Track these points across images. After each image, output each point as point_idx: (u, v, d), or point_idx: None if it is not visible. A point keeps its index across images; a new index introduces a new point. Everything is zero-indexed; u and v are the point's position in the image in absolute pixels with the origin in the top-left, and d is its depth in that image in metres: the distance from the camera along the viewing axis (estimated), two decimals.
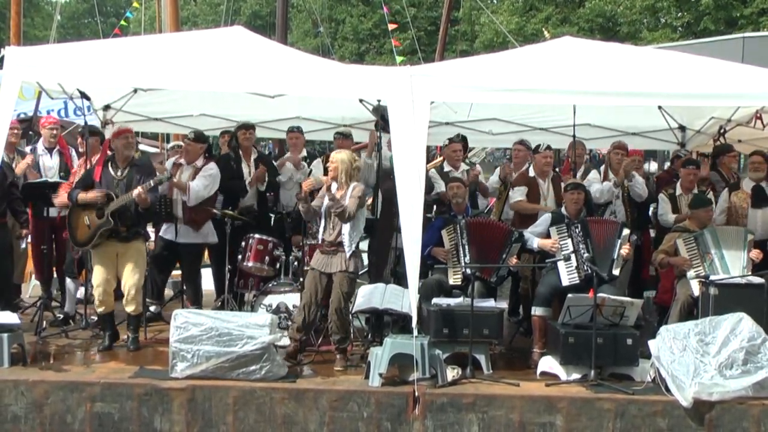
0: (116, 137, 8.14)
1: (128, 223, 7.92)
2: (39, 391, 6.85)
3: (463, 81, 7.42)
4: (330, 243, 7.58)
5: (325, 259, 7.60)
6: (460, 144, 9.83)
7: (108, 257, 7.95)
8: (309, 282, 7.63)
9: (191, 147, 9.08)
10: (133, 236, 7.99)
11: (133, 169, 8.01)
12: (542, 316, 7.91)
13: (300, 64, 7.73)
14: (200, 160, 9.02)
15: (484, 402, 6.81)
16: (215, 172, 8.96)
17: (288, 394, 6.84)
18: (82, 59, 7.52)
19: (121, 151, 8.05)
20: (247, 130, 9.65)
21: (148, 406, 6.83)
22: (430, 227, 8.43)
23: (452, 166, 9.62)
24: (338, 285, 7.51)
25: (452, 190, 8.67)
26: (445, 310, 7.57)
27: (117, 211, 7.82)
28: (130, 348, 7.96)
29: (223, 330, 6.95)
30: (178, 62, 7.51)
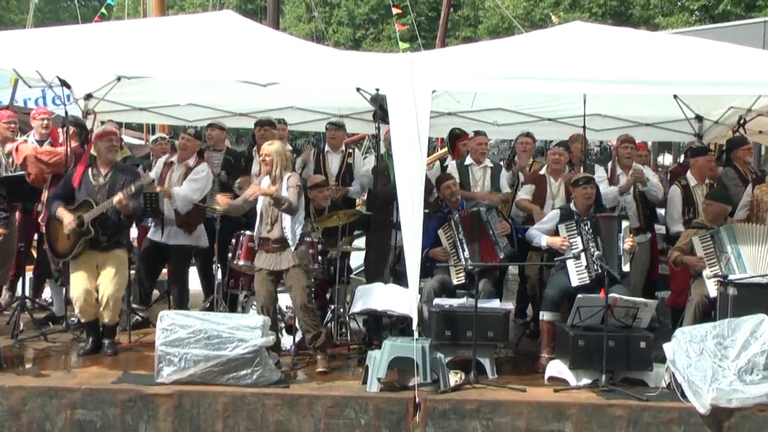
0: (99, 139, 8.14)
1: (109, 232, 7.92)
2: (16, 397, 6.84)
3: (466, 69, 7.42)
4: (275, 240, 7.59)
5: (273, 258, 7.61)
6: (485, 137, 9.82)
7: (88, 267, 7.94)
8: (260, 285, 7.64)
9: (190, 143, 9.08)
10: (114, 245, 7.99)
11: (116, 174, 7.99)
12: (551, 321, 7.93)
13: (293, 50, 7.74)
14: (192, 159, 9.03)
15: (489, 408, 6.82)
16: (206, 174, 8.96)
17: (281, 400, 6.85)
18: (61, 45, 7.53)
19: (104, 155, 8.06)
20: (263, 127, 9.61)
21: (133, 413, 6.83)
22: (426, 230, 8.43)
23: (475, 161, 9.61)
24: (296, 280, 7.53)
25: (447, 189, 8.68)
26: (447, 312, 7.58)
27: (98, 220, 7.82)
28: (108, 352, 7.96)
29: (213, 332, 6.95)
30: (165, 49, 7.51)
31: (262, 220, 7.65)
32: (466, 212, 8.48)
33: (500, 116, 11.08)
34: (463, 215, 8.42)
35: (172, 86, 10.14)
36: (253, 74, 8.28)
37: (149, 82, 10.01)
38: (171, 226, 8.91)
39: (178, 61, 7.46)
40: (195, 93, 10.53)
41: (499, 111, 10.96)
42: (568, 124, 10.76)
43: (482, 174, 9.45)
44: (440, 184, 8.78)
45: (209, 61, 7.46)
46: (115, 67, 8.13)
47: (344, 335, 8.58)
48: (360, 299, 8.05)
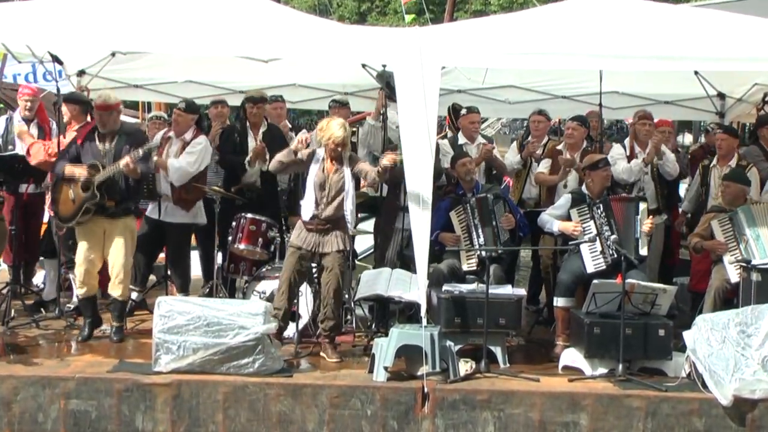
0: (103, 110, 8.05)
1: (117, 198, 7.87)
2: (7, 386, 6.84)
3: (478, 44, 7.39)
4: (325, 220, 7.58)
5: (316, 238, 7.60)
6: (478, 115, 9.78)
7: (94, 235, 7.91)
8: (292, 264, 7.61)
9: (181, 118, 9.02)
10: (122, 212, 7.94)
11: (122, 139, 7.94)
12: (565, 307, 7.92)
13: (296, 25, 7.71)
14: (189, 132, 8.98)
15: (501, 399, 6.81)
16: (204, 146, 8.90)
17: (284, 390, 6.84)
18: (53, 18, 7.49)
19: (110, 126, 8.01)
20: (255, 105, 9.56)
21: (129, 404, 6.83)
22: (437, 209, 8.41)
23: (468, 139, 9.59)
24: (336, 266, 7.56)
25: (464, 166, 8.63)
26: (457, 298, 7.56)
27: (104, 184, 7.77)
28: (114, 339, 7.94)
29: (212, 319, 6.94)
30: (162, 23, 7.47)
31: (320, 195, 7.60)
32: (480, 196, 8.46)
33: (512, 94, 11.07)
34: (479, 199, 8.40)
35: (169, 62, 10.14)
36: (255, 50, 8.24)
37: (145, 58, 10.00)
38: (168, 202, 8.88)
39: (176, 36, 7.43)
40: (193, 69, 10.51)
41: (512, 88, 10.92)
42: (583, 102, 10.71)
43: (477, 152, 9.41)
44: (456, 161, 8.75)
45: (208, 36, 7.44)
46: (110, 42, 8.07)
47: (349, 322, 8.58)
48: (366, 285, 8.05)
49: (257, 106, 9.47)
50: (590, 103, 10.20)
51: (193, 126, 9.01)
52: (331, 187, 7.60)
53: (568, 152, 9.28)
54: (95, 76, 10.45)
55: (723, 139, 9.19)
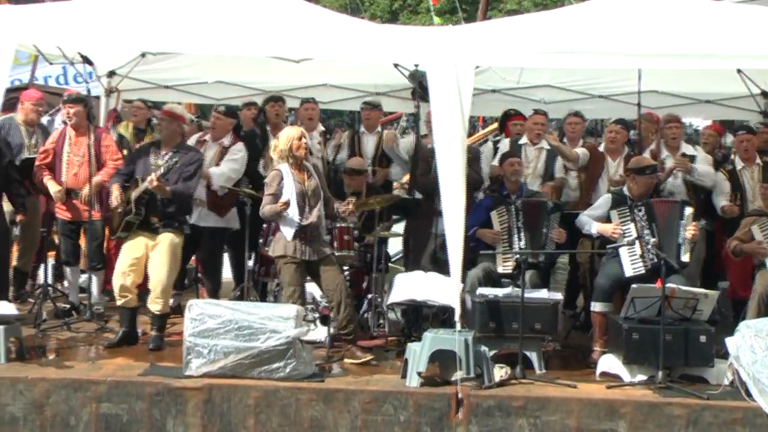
0: (165, 116, 8.23)
1: (159, 214, 7.95)
2: (39, 390, 6.90)
3: (512, 43, 7.37)
4: (314, 227, 7.65)
5: (308, 247, 7.62)
6: (544, 116, 9.77)
7: (136, 249, 7.97)
8: (295, 277, 7.61)
9: (220, 121, 9.13)
10: (165, 228, 7.98)
11: (175, 156, 7.97)
12: (602, 311, 7.87)
13: (327, 24, 7.71)
14: (227, 137, 9.07)
15: (537, 405, 6.78)
16: (243, 154, 9.06)
17: (316, 395, 6.85)
18: (84, 19, 7.55)
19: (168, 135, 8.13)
20: (276, 103, 9.64)
21: (160, 408, 6.86)
22: (478, 206, 8.41)
23: (530, 141, 9.57)
24: (336, 268, 7.69)
25: (512, 166, 8.60)
26: (491, 302, 7.55)
27: (143, 200, 7.87)
28: (151, 346, 7.92)
29: (243, 323, 6.96)
30: (192, 23, 7.51)
31: (303, 205, 7.62)
32: (533, 200, 8.44)
33: (548, 93, 11.03)
34: (529, 202, 8.38)
35: (199, 63, 10.18)
36: (285, 50, 8.24)
37: (175, 58, 10.06)
38: (202, 207, 8.93)
39: (206, 36, 7.48)
40: (223, 70, 10.56)
41: (547, 88, 10.90)
42: (620, 102, 10.67)
43: (536, 155, 9.39)
44: (505, 159, 8.73)
45: (239, 36, 7.47)
46: (140, 42, 8.13)
47: (382, 326, 8.58)
48: (399, 288, 8.04)
49: (278, 104, 9.58)
50: (628, 102, 10.15)
51: (230, 131, 9.08)
52: (310, 194, 7.65)
53: (609, 156, 9.21)
54: (125, 77, 10.50)
55: (747, 139, 9.13)
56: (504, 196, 8.53)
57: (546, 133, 9.50)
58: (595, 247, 8.47)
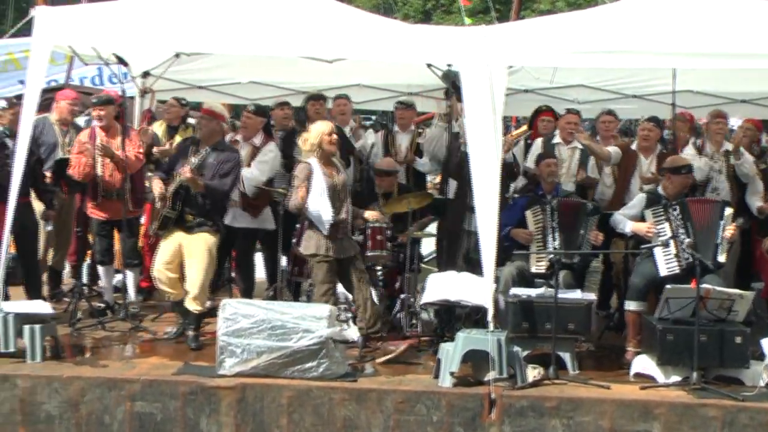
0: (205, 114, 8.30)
1: (195, 212, 8.00)
2: (74, 388, 6.97)
3: (545, 42, 7.36)
4: (344, 224, 7.72)
5: (336, 245, 7.68)
6: (577, 116, 9.75)
7: (172, 246, 8.03)
8: (328, 275, 7.66)
9: (250, 120, 9.21)
10: (199, 227, 8.02)
11: (212, 154, 8.05)
12: (636, 311, 7.83)
13: (360, 24, 7.73)
14: (258, 137, 9.13)
15: (570, 406, 6.77)
16: (275, 154, 9.10)
17: (348, 395, 6.88)
18: (119, 20, 7.62)
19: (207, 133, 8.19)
20: (317, 102, 9.69)
21: (194, 407, 6.92)
22: (513, 205, 8.40)
23: (563, 140, 9.56)
24: (362, 267, 7.77)
25: (548, 167, 8.59)
26: (525, 302, 7.53)
27: (179, 196, 7.94)
28: (191, 346, 7.95)
29: (277, 322, 6.99)
30: (226, 23, 7.56)
31: (335, 200, 7.67)
32: (570, 201, 8.42)
33: (581, 93, 10.99)
34: (566, 202, 8.36)
35: (232, 63, 10.23)
36: (319, 50, 8.29)
37: (209, 58, 10.10)
38: (235, 208, 8.98)
39: (240, 36, 7.54)
40: (257, 70, 10.60)
41: (580, 88, 10.86)
42: (655, 101, 10.63)
43: (570, 155, 9.37)
44: (541, 160, 8.72)
45: (272, 37, 7.52)
46: (174, 43, 8.21)
47: (414, 327, 8.57)
48: (432, 288, 8.04)
49: (319, 103, 9.59)
50: (662, 102, 10.13)
51: (261, 130, 9.12)
52: (339, 190, 7.72)
53: (642, 155, 9.18)
54: (159, 78, 10.57)
55: None
56: (539, 195, 8.51)
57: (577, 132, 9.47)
58: (629, 246, 8.43)
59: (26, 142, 7.54)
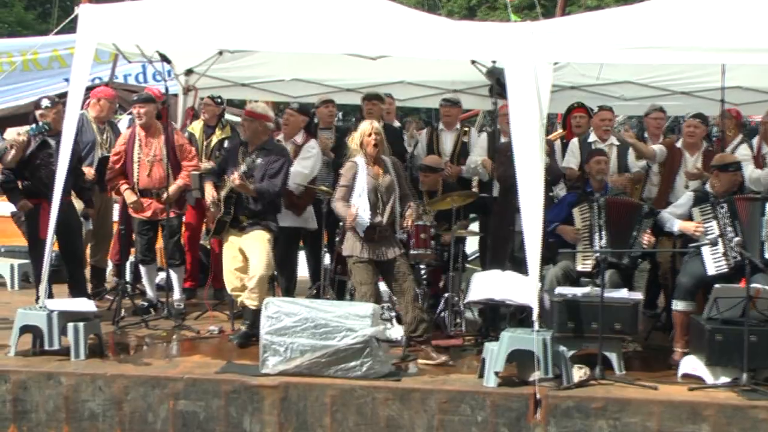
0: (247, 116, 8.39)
1: (248, 213, 8.13)
2: (118, 386, 7.03)
3: (592, 38, 7.31)
4: (385, 227, 7.67)
5: (374, 247, 7.65)
6: (610, 112, 9.67)
7: (232, 248, 8.20)
8: (366, 276, 7.64)
9: (293, 118, 9.28)
10: (252, 226, 8.15)
11: (261, 155, 8.15)
12: (684, 311, 7.76)
13: (404, 21, 7.72)
14: (300, 135, 9.18)
15: (617, 407, 6.72)
16: (317, 151, 9.17)
17: (392, 394, 6.87)
18: (162, 18, 7.68)
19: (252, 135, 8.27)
20: (371, 101, 9.71)
21: (237, 405, 6.95)
22: (560, 202, 8.37)
23: (599, 138, 9.50)
24: (407, 269, 7.66)
25: (598, 164, 8.53)
26: (570, 301, 7.49)
27: (231, 199, 8.06)
28: (235, 341, 8.01)
29: (320, 321, 7.00)
30: (269, 20, 7.59)
31: (376, 201, 7.66)
32: (624, 200, 8.38)
33: (628, 90, 10.93)
34: (617, 201, 8.31)
35: (276, 60, 10.26)
36: (363, 47, 8.29)
37: (252, 56, 10.16)
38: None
39: (284, 33, 7.55)
40: (300, 67, 10.63)
41: (627, 84, 10.79)
42: (703, 98, 10.54)
43: (607, 153, 9.29)
44: (591, 157, 8.67)
45: (316, 34, 7.54)
46: (218, 40, 8.24)
47: (459, 326, 8.58)
48: (476, 287, 8.01)
49: (372, 103, 9.61)
50: (711, 99, 10.02)
51: (303, 129, 9.16)
52: (383, 192, 7.68)
53: (687, 152, 9.09)
54: (203, 75, 10.63)
55: None
56: (588, 193, 8.46)
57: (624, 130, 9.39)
58: (677, 245, 8.36)
59: (71, 141, 7.62)
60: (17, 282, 10.73)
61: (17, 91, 14.37)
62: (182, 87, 10.84)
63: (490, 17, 32.41)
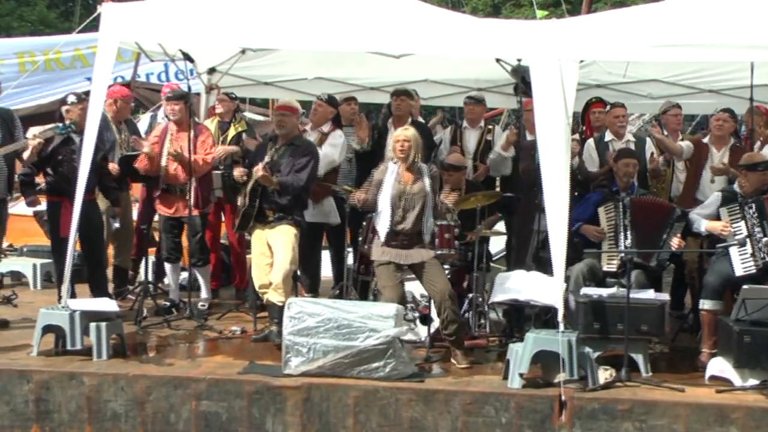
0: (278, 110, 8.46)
1: (273, 207, 8.15)
2: (140, 386, 7.06)
3: (618, 35, 7.26)
4: (405, 236, 7.64)
5: (401, 251, 7.64)
6: (623, 109, 9.63)
7: (259, 243, 8.23)
8: (388, 279, 7.61)
9: (321, 108, 9.38)
10: (278, 221, 8.17)
11: (288, 150, 8.20)
12: (712, 310, 7.70)
13: (428, 19, 7.70)
14: (327, 125, 9.23)
15: (643, 409, 6.68)
16: (343, 140, 9.27)
17: (415, 395, 6.86)
18: (185, 16, 7.70)
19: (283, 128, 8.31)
20: (399, 97, 9.72)
21: (259, 406, 6.95)
22: (585, 201, 8.33)
23: (615, 135, 9.45)
24: (438, 270, 7.62)
25: (626, 167, 8.47)
26: (596, 302, 7.45)
27: (257, 192, 8.07)
28: (276, 341, 7.90)
29: (343, 321, 7.00)
30: (292, 19, 7.58)
31: (394, 211, 7.65)
32: (648, 199, 8.35)
33: (655, 88, 10.87)
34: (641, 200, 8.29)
35: (298, 59, 10.27)
36: (386, 45, 8.28)
37: (275, 54, 10.16)
38: None
39: (306, 32, 7.56)
40: (323, 66, 10.65)
41: (654, 82, 10.73)
42: (732, 96, 10.46)
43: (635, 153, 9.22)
44: (620, 158, 8.59)
45: (339, 32, 7.53)
46: (241, 38, 8.23)
47: (483, 326, 8.56)
48: (500, 288, 8.00)
49: (401, 98, 9.63)
50: (740, 97, 9.94)
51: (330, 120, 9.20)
52: (409, 199, 7.63)
53: (714, 147, 9.04)
54: (225, 74, 10.66)
55: None
56: (613, 192, 8.42)
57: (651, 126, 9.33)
58: (704, 245, 8.31)
59: (93, 139, 7.65)
60: (40, 281, 10.78)
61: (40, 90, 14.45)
62: (205, 86, 10.87)
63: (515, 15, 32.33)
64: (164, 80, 14.13)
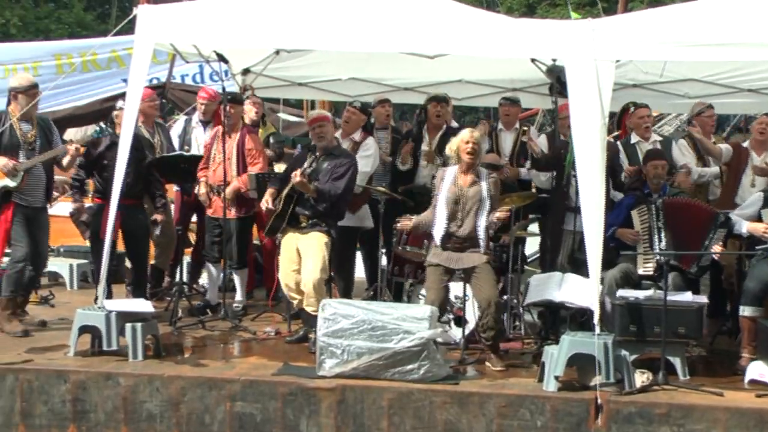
0: (328, 121, 8.49)
1: (309, 213, 8.16)
2: (175, 387, 7.09)
3: (655, 35, 7.21)
4: (461, 239, 7.61)
5: (456, 256, 7.61)
6: (647, 109, 9.55)
7: (290, 248, 8.23)
8: (435, 281, 7.60)
9: (355, 116, 9.36)
10: (311, 227, 8.18)
11: (326, 159, 8.25)
12: (752, 316, 7.61)
13: (462, 19, 7.68)
14: (358, 133, 9.22)
15: (681, 413, 6.62)
16: (375, 149, 9.23)
17: (450, 398, 6.84)
18: (220, 18, 7.73)
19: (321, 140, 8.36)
20: (438, 103, 9.69)
21: (294, 408, 6.97)
22: (618, 205, 8.28)
23: (641, 137, 9.38)
24: (487, 276, 7.53)
25: (655, 169, 8.39)
26: (632, 305, 7.39)
27: (293, 198, 8.10)
28: (312, 350, 7.85)
29: (377, 323, 6.99)
30: (326, 19, 7.59)
31: (454, 212, 7.64)
32: (680, 200, 8.28)
33: (692, 87, 10.75)
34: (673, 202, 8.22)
35: (333, 60, 10.27)
36: (420, 45, 8.26)
37: (309, 55, 10.18)
38: None
39: (341, 32, 7.56)
40: (357, 66, 10.64)
41: (691, 82, 10.63)
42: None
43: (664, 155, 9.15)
44: (649, 160, 8.52)
45: (373, 33, 7.53)
46: (275, 40, 8.26)
47: (518, 329, 8.54)
48: (535, 290, 7.96)
49: (439, 105, 9.62)
50: None
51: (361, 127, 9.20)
52: (466, 202, 7.62)
53: (755, 151, 8.95)
54: (260, 75, 10.69)
55: None
56: (645, 194, 8.36)
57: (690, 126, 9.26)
58: (744, 247, 8.22)
59: (128, 142, 7.70)
60: (76, 282, 10.89)
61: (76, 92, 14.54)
62: (239, 87, 10.89)
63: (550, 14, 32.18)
64: (199, 82, 14.19)
